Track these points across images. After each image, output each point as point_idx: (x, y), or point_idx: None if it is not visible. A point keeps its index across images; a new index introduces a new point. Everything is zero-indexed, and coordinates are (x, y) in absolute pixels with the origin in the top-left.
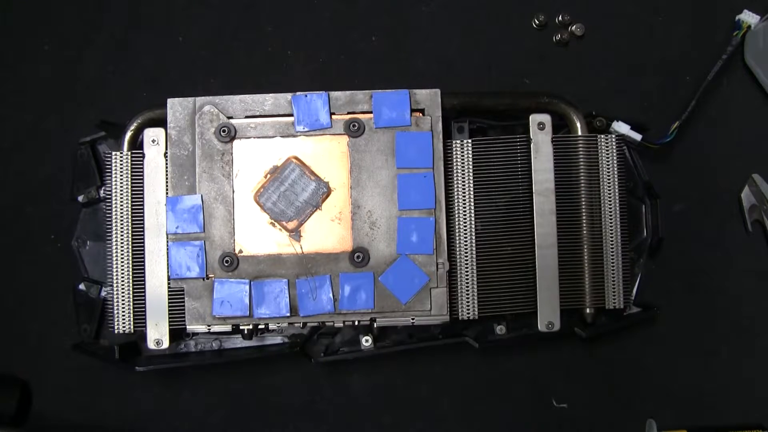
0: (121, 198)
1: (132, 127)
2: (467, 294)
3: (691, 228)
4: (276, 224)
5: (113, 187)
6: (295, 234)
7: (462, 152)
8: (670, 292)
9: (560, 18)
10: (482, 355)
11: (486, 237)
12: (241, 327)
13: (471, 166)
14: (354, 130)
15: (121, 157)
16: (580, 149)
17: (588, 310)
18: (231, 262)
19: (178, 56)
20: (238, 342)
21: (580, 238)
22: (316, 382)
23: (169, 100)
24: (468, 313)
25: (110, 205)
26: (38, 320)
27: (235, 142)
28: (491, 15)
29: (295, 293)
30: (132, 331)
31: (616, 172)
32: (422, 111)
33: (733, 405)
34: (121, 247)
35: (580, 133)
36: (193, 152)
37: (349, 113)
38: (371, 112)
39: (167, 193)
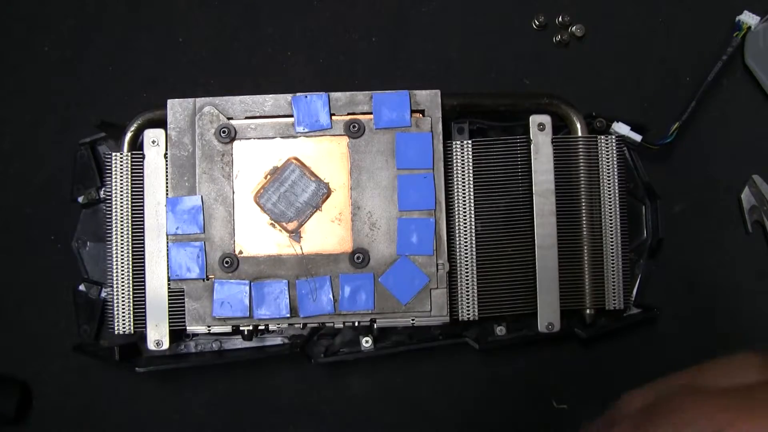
0: (121, 199)
1: (132, 128)
2: (467, 295)
3: (691, 228)
4: (276, 225)
5: (113, 188)
6: (295, 235)
7: (462, 153)
8: (670, 292)
9: (560, 19)
10: (482, 355)
11: (486, 238)
12: (241, 328)
13: (471, 167)
14: (354, 131)
15: (121, 158)
16: (580, 150)
17: (588, 311)
18: (231, 263)
19: (178, 56)
20: (238, 343)
21: (580, 238)
22: (316, 382)
23: (169, 101)
24: (468, 314)
25: (110, 206)
26: (38, 320)
27: (235, 143)
28: (491, 15)
29: (295, 294)
30: (132, 332)
31: (616, 173)
32: (422, 112)
33: None
34: (121, 248)
35: (580, 134)
36: (193, 153)
37: (349, 114)
38: (371, 113)
39: (167, 194)
